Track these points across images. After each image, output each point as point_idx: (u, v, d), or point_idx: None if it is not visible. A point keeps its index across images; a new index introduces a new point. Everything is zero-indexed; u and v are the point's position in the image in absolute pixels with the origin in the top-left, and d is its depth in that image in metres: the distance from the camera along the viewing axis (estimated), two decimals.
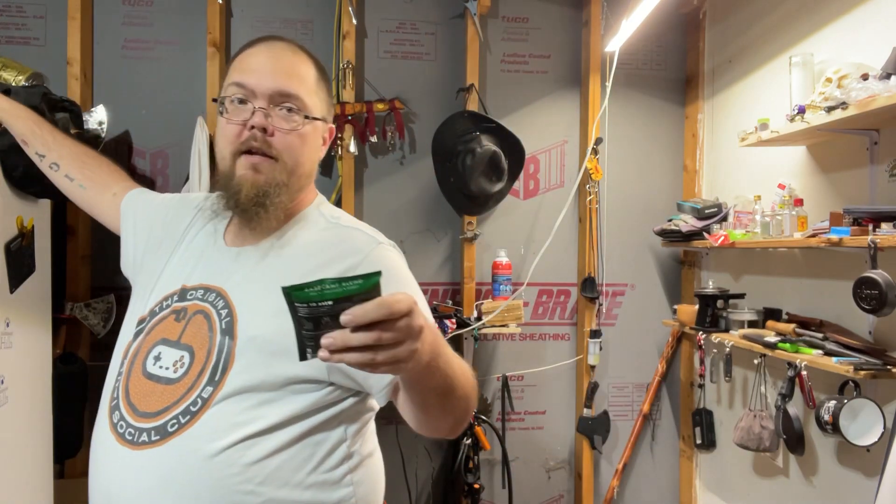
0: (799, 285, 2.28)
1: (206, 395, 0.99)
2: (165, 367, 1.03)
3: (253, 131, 1.03)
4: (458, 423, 1.00)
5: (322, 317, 0.72)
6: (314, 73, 1.11)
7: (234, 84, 1.05)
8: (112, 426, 1.02)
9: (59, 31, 2.55)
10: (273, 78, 1.05)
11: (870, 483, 1.93)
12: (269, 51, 1.08)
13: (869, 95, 1.69)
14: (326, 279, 0.70)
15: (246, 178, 1.04)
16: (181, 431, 0.97)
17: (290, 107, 1.05)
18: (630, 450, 2.96)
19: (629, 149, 2.99)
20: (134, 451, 0.98)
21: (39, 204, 2.10)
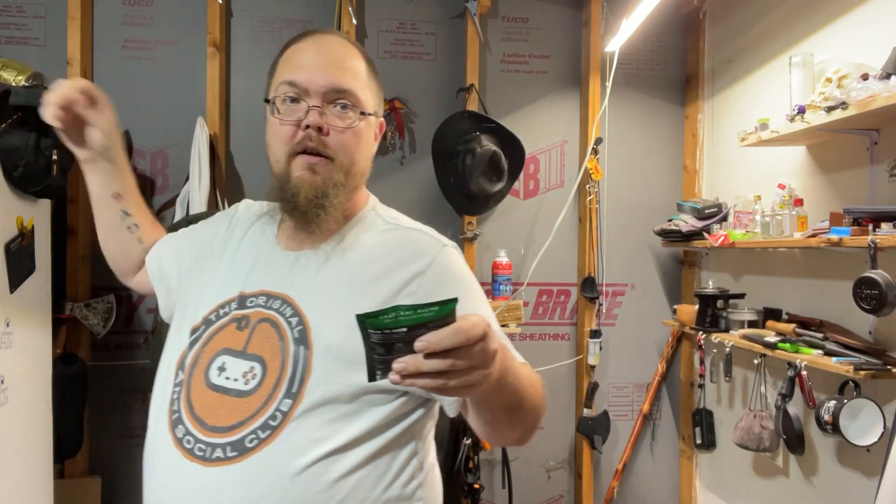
0: (799, 285, 2.28)
1: (284, 408, 0.94)
2: (234, 379, 0.98)
3: (308, 131, 0.99)
4: (526, 434, 0.99)
5: (395, 342, 0.71)
6: (365, 67, 1.07)
7: (285, 83, 1.01)
8: (176, 441, 0.96)
9: (59, 31, 2.56)
10: (326, 74, 1.00)
11: (870, 483, 1.93)
12: (319, 45, 1.04)
13: (869, 95, 1.69)
14: (401, 306, 0.70)
15: (303, 179, 1.00)
16: (261, 447, 0.92)
17: (344, 103, 1.01)
18: (630, 450, 2.96)
19: (629, 149, 2.99)
20: (207, 467, 0.93)
21: (39, 204, 2.10)
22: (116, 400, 2.63)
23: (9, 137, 1.92)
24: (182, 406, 0.99)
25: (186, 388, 1.00)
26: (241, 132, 2.75)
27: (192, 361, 1.02)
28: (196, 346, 1.03)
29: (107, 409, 2.61)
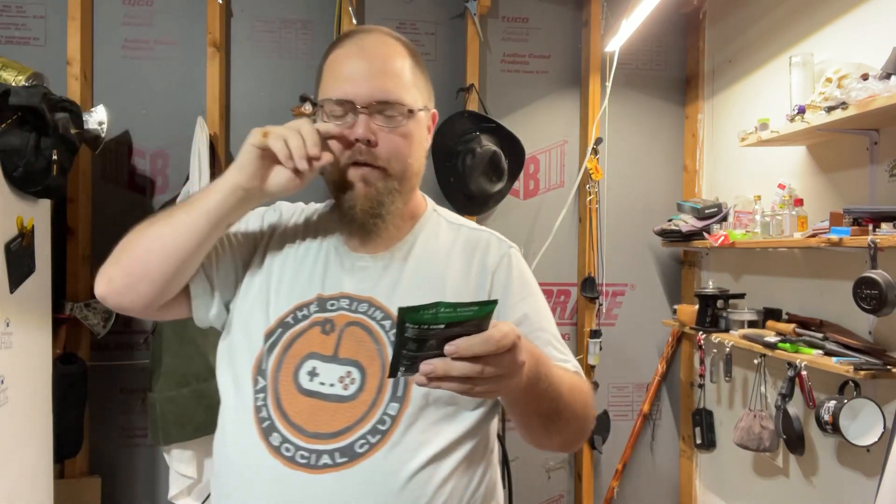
0: (799, 285, 2.28)
1: (392, 412, 0.95)
2: (329, 384, 0.96)
3: (358, 144, 0.99)
4: (567, 443, 1.01)
5: (429, 339, 0.72)
6: (409, 63, 1.05)
7: (330, 101, 1.01)
8: (273, 450, 0.94)
9: (59, 31, 2.56)
10: (369, 85, 1.00)
11: (870, 483, 1.93)
12: (362, 52, 1.03)
13: (869, 95, 1.69)
14: (442, 303, 0.70)
15: (358, 191, 1.01)
16: (372, 452, 0.92)
17: (390, 111, 1.01)
18: (630, 450, 2.96)
19: (629, 149, 2.99)
20: (314, 475, 0.91)
21: (39, 204, 2.10)
22: (116, 400, 2.63)
23: (9, 137, 1.92)
24: (273, 413, 0.96)
25: (274, 394, 0.97)
26: (241, 132, 2.74)
27: (274, 366, 0.99)
28: (276, 351, 1.00)
29: (107, 409, 2.61)
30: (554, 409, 0.91)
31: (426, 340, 0.72)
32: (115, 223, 2.64)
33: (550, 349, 1.05)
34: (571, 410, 0.94)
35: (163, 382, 2.30)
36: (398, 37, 1.07)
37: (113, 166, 2.65)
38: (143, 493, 2.65)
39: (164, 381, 2.30)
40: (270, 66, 2.77)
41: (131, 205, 2.65)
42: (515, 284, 1.08)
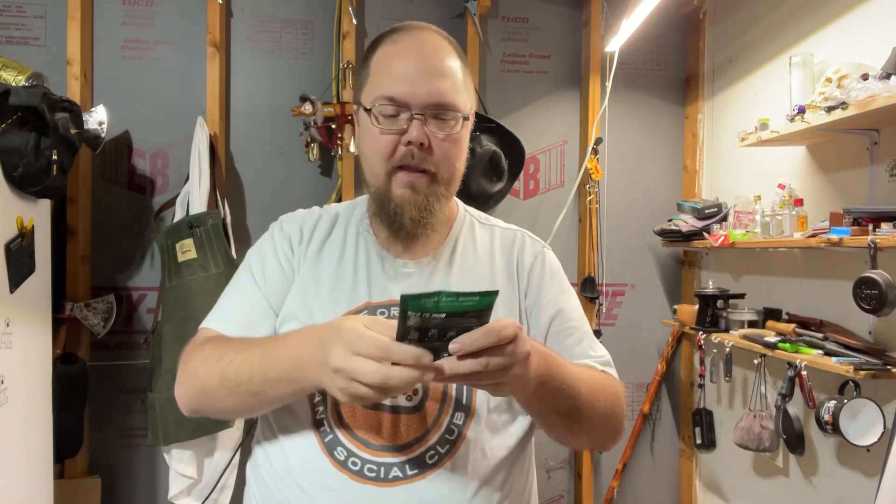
0: (799, 285, 2.28)
1: (459, 421, 0.94)
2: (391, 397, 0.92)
3: (410, 147, 0.95)
4: (599, 443, 1.03)
5: (431, 328, 0.73)
6: (460, 65, 1.01)
7: (384, 98, 0.96)
8: (339, 464, 0.92)
9: (59, 31, 2.56)
10: (427, 87, 0.95)
11: (870, 483, 1.93)
12: (418, 49, 0.99)
13: (869, 95, 1.69)
14: (444, 292, 0.70)
15: (406, 198, 0.97)
16: (443, 463, 0.92)
17: (445, 115, 0.97)
18: (630, 450, 2.96)
19: (629, 149, 2.99)
20: (384, 488, 0.90)
21: (39, 204, 2.10)
22: (116, 400, 2.63)
23: (9, 137, 1.92)
24: (335, 427, 0.94)
25: (334, 407, 0.95)
26: (241, 132, 2.75)
27: None
28: None
29: (107, 409, 2.61)
30: (573, 406, 0.92)
31: (428, 330, 0.73)
32: (115, 223, 2.64)
33: (584, 345, 1.08)
34: (592, 408, 0.94)
35: (163, 382, 2.30)
36: (448, 36, 1.04)
37: (113, 166, 2.65)
38: (143, 493, 2.65)
39: (164, 381, 2.30)
40: (270, 66, 2.77)
41: (131, 205, 2.65)
42: (550, 283, 1.09)
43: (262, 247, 1.09)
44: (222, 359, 0.92)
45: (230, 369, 0.90)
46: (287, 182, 2.75)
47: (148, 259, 2.66)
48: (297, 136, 2.70)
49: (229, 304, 1.05)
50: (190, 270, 2.35)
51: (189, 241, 2.37)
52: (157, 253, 2.57)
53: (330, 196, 2.72)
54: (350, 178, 2.70)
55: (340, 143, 2.67)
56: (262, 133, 2.75)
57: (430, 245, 1.05)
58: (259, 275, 1.05)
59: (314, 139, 2.65)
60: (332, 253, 1.05)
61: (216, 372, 0.92)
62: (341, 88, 2.71)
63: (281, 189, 2.74)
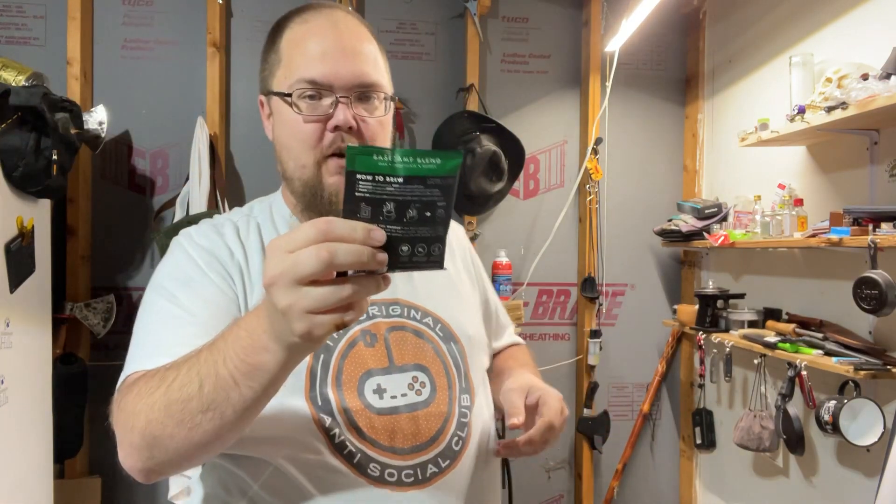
0: (799, 285, 2.28)
1: (466, 403, 0.98)
2: (401, 395, 0.92)
3: (338, 132, 0.89)
4: None
5: (385, 200, 0.58)
6: (377, 46, 0.96)
7: (303, 80, 0.89)
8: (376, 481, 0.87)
9: (59, 31, 2.55)
10: (349, 67, 0.89)
11: (870, 483, 1.93)
12: (335, 29, 0.92)
13: (869, 95, 1.69)
14: (399, 150, 0.57)
15: (337, 185, 0.91)
16: (466, 447, 0.95)
17: (370, 95, 0.92)
18: (630, 450, 2.96)
19: (629, 149, 2.99)
20: (427, 488, 0.89)
21: (39, 204, 2.10)
22: None
23: (9, 137, 1.92)
24: (360, 445, 0.88)
25: (350, 425, 0.88)
26: (241, 132, 2.74)
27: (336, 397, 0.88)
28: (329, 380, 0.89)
29: (107, 409, 2.60)
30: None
31: (381, 204, 0.58)
32: (115, 223, 2.64)
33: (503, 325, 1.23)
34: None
35: None
36: (360, 17, 0.99)
37: (113, 166, 2.65)
38: (143, 493, 2.65)
39: None
40: None
41: (131, 205, 2.65)
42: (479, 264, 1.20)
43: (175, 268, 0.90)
44: (163, 381, 0.72)
45: (174, 388, 0.70)
46: None
47: (148, 259, 2.66)
48: None
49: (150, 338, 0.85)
50: None
51: None
52: (157, 253, 2.57)
53: None
54: None
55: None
56: (262, 133, 2.70)
57: None
58: (185, 298, 0.86)
59: None
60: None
61: (157, 400, 0.72)
62: None
63: None
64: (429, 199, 0.59)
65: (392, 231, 0.59)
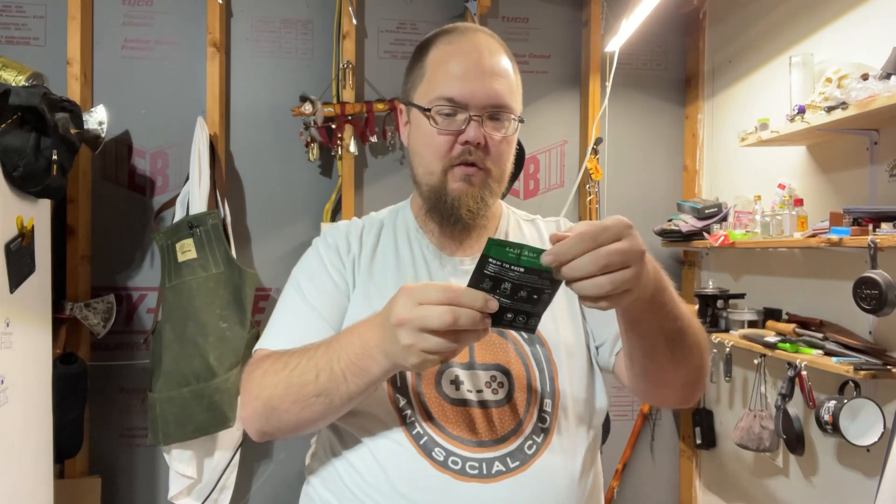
0: (799, 285, 2.28)
1: (548, 408, 0.96)
2: (477, 391, 0.95)
3: (467, 146, 0.98)
4: (692, 383, 0.96)
5: (504, 282, 0.73)
6: (512, 66, 1.03)
7: (442, 98, 0.98)
8: (439, 465, 0.91)
9: (59, 31, 2.55)
10: (485, 88, 0.98)
11: (870, 483, 1.93)
12: (476, 51, 1.00)
13: (869, 95, 1.69)
14: (527, 246, 0.71)
15: (462, 191, 1.00)
16: (542, 452, 0.94)
17: (502, 115, 1.00)
18: (630, 450, 2.96)
19: (629, 149, 2.99)
20: (489, 484, 0.90)
21: (39, 204, 2.10)
22: (116, 400, 2.63)
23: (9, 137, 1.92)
24: (428, 428, 0.94)
25: (422, 408, 0.95)
26: (241, 132, 2.74)
27: (413, 382, 0.96)
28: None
29: (107, 409, 2.61)
30: (679, 328, 0.87)
31: (501, 283, 0.73)
32: (115, 223, 2.64)
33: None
34: (693, 333, 0.90)
35: (163, 382, 2.30)
36: (499, 38, 1.06)
37: (113, 166, 2.65)
38: (143, 493, 2.65)
39: (164, 381, 2.30)
40: (270, 66, 2.77)
41: (131, 205, 2.65)
42: None
43: (308, 263, 1.08)
44: (287, 366, 0.89)
45: (295, 373, 0.88)
46: (287, 182, 2.75)
47: (148, 259, 2.66)
48: (297, 136, 2.70)
49: (280, 323, 1.03)
50: (190, 270, 2.35)
51: (189, 241, 2.37)
52: (157, 253, 2.57)
53: (330, 196, 2.72)
54: (350, 178, 2.70)
55: (340, 143, 2.67)
56: (262, 133, 2.75)
57: (482, 241, 1.06)
58: (309, 290, 1.03)
59: (314, 139, 2.66)
60: (386, 259, 1.06)
61: (281, 380, 0.89)
62: (341, 88, 2.71)
63: (281, 189, 2.74)
64: (538, 287, 0.74)
65: (503, 303, 0.75)
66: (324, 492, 1.00)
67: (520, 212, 1.20)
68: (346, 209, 2.70)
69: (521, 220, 1.17)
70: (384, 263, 1.05)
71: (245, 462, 2.57)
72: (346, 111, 2.66)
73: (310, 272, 1.05)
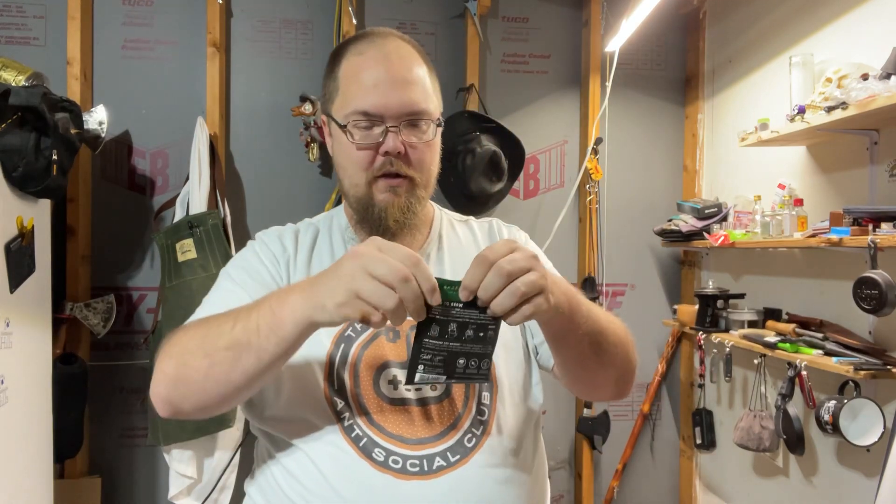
0: (799, 285, 2.28)
1: (486, 400, 0.98)
2: (416, 389, 0.96)
3: (387, 156, 0.99)
4: (622, 377, 1.01)
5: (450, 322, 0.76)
6: (426, 71, 1.03)
7: (357, 112, 0.98)
8: (379, 465, 0.91)
9: (59, 31, 2.55)
10: (399, 97, 0.98)
11: (870, 483, 1.93)
12: (386, 61, 0.99)
13: (869, 95, 1.69)
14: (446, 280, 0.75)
15: (388, 202, 1.00)
16: (481, 444, 0.94)
17: (419, 122, 1.00)
18: (630, 450, 2.96)
19: (629, 149, 2.99)
20: (431, 479, 0.91)
21: (39, 204, 2.10)
22: (116, 400, 2.63)
23: (9, 137, 1.92)
24: (367, 429, 0.93)
25: (361, 409, 0.95)
26: (241, 132, 2.74)
27: (351, 383, 0.96)
28: (346, 368, 0.97)
29: (107, 409, 2.61)
30: (599, 332, 0.93)
31: (448, 324, 0.75)
32: (115, 223, 2.64)
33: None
34: (614, 333, 0.96)
35: None
36: (411, 41, 1.06)
37: (113, 166, 2.65)
38: (143, 493, 2.65)
39: None
40: (270, 66, 2.77)
41: (131, 205, 2.65)
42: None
43: (241, 258, 1.08)
44: (208, 322, 0.88)
45: (214, 324, 0.86)
46: (287, 182, 2.75)
47: (148, 259, 2.66)
48: (297, 136, 2.70)
49: (207, 303, 1.02)
50: (190, 270, 2.35)
51: (189, 241, 2.37)
52: (157, 253, 2.57)
53: (330, 196, 2.72)
54: None
55: None
56: (262, 133, 2.75)
57: (415, 244, 1.09)
58: (241, 277, 1.02)
59: (314, 139, 2.66)
60: (322, 261, 1.07)
61: (198, 333, 0.87)
62: None
63: (281, 189, 2.74)
64: (483, 322, 0.76)
65: (453, 347, 0.76)
66: (257, 497, 0.99)
67: (452, 213, 1.20)
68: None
69: (455, 221, 1.18)
70: (320, 264, 1.06)
71: (245, 462, 2.57)
72: None
73: (243, 264, 1.05)
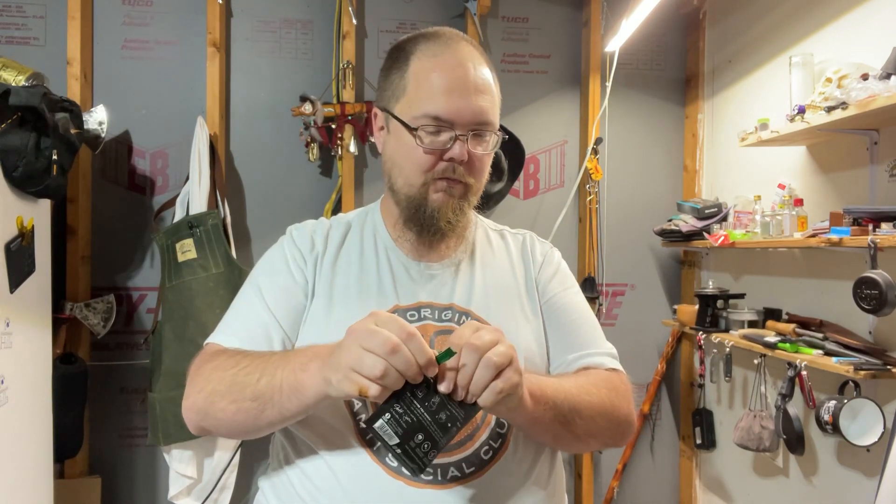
0: (799, 285, 2.28)
1: None
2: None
3: (451, 162, 0.98)
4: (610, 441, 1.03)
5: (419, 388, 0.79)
6: (493, 77, 1.03)
7: (428, 116, 0.97)
8: (392, 471, 0.91)
9: (59, 31, 2.55)
10: (471, 106, 0.97)
11: (870, 483, 1.93)
12: (461, 67, 0.98)
13: (869, 95, 1.69)
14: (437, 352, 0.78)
15: (442, 202, 1.00)
16: (499, 457, 0.93)
17: (483, 136, 1.01)
18: (630, 450, 2.96)
19: (629, 149, 2.99)
20: (444, 489, 0.90)
21: (39, 204, 2.10)
22: (116, 400, 2.63)
23: (9, 137, 1.92)
24: None
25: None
26: (241, 132, 2.74)
27: None
28: None
29: (107, 409, 2.61)
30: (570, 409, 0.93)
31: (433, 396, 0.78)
32: (115, 223, 2.64)
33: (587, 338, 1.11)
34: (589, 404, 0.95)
35: (163, 382, 2.30)
36: (478, 46, 1.05)
37: (113, 166, 2.65)
38: (143, 493, 2.65)
39: (164, 381, 2.30)
40: (270, 66, 2.77)
41: (131, 205, 2.65)
42: (557, 278, 1.13)
43: (271, 258, 1.09)
44: (237, 364, 0.91)
45: (242, 373, 0.89)
46: (287, 182, 2.75)
47: (148, 259, 2.66)
48: (297, 136, 2.70)
49: (234, 322, 1.04)
50: (190, 270, 2.35)
51: (189, 241, 2.37)
52: (157, 253, 2.57)
53: (330, 196, 2.72)
54: (350, 178, 2.70)
55: (340, 143, 2.67)
56: (262, 133, 2.75)
57: (450, 248, 1.08)
58: (267, 288, 1.03)
59: (314, 139, 2.66)
60: (350, 260, 1.06)
61: (227, 377, 0.91)
62: (341, 88, 2.71)
63: (281, 189, 2.74)
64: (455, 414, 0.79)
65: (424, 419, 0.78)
66: (273, 499, 0.99)
67: (487, 221, 1.20)
68: (346, 209, 2.70)
69: (490, 230, 1.17)
70: (348, 263, 1.05)
71: (245, 462, 2.57)
72: (346, 111, 2.66)
73: (270, 269, 1.07)
